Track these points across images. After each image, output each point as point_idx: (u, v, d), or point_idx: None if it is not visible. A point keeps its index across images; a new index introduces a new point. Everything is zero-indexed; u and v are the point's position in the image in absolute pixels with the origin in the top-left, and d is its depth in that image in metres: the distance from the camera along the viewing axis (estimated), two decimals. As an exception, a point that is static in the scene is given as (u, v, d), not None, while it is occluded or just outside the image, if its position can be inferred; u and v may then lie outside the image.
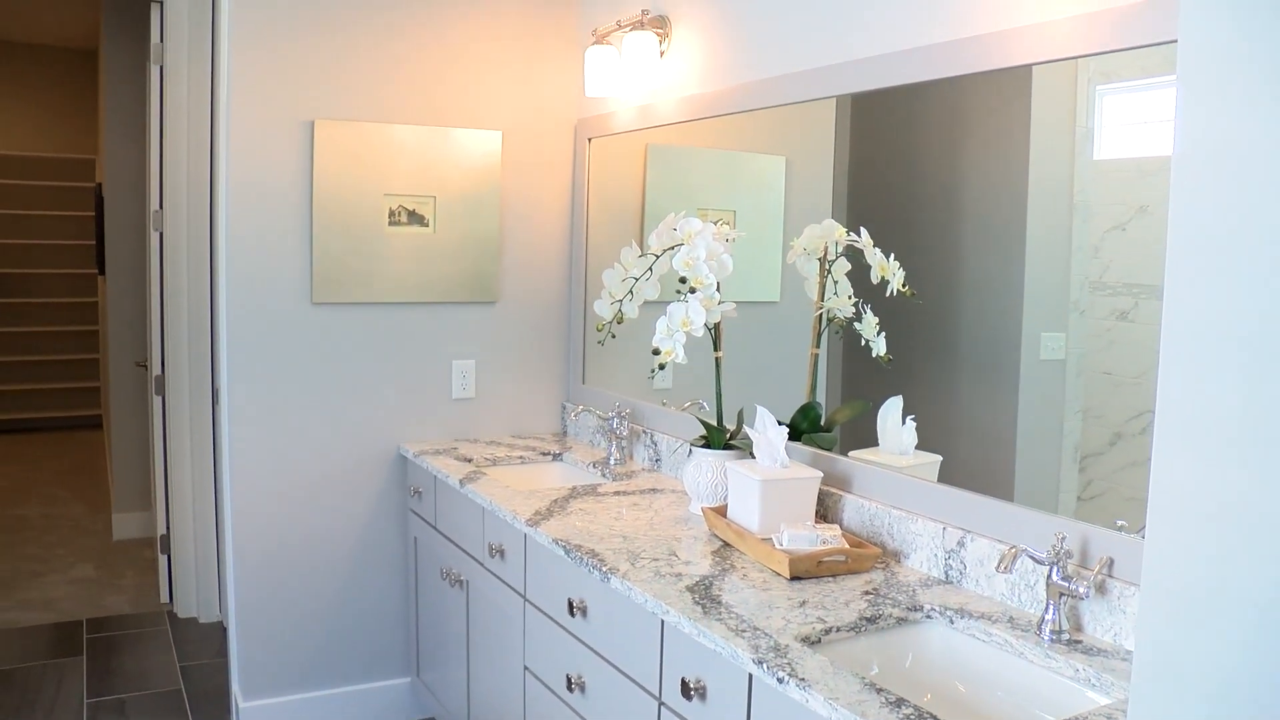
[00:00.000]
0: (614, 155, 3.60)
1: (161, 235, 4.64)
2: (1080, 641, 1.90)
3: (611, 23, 3.36)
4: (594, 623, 2.39)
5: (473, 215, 3.61)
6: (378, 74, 3.49)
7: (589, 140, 3.67)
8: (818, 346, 2.75)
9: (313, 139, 3.41)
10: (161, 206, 4.63)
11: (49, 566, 5.56)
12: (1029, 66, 2.09)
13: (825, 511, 2.57)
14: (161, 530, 4.87)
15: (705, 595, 2.10)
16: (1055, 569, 1.91)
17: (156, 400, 4.78)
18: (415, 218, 3.54)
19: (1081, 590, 1.87)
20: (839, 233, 2.63)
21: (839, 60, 2.58)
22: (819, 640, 1.92)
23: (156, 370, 4.74)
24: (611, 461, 3.32)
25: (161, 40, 4.62)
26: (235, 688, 3.62)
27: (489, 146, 3.61)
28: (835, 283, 2.66)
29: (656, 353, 2.62)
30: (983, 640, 1.99)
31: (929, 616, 2.07)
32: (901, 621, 2.04)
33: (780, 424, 2.52)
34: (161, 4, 4.61)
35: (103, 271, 6.62)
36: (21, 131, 9.19)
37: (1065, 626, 1.91)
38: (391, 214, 3.51)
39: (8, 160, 9.07)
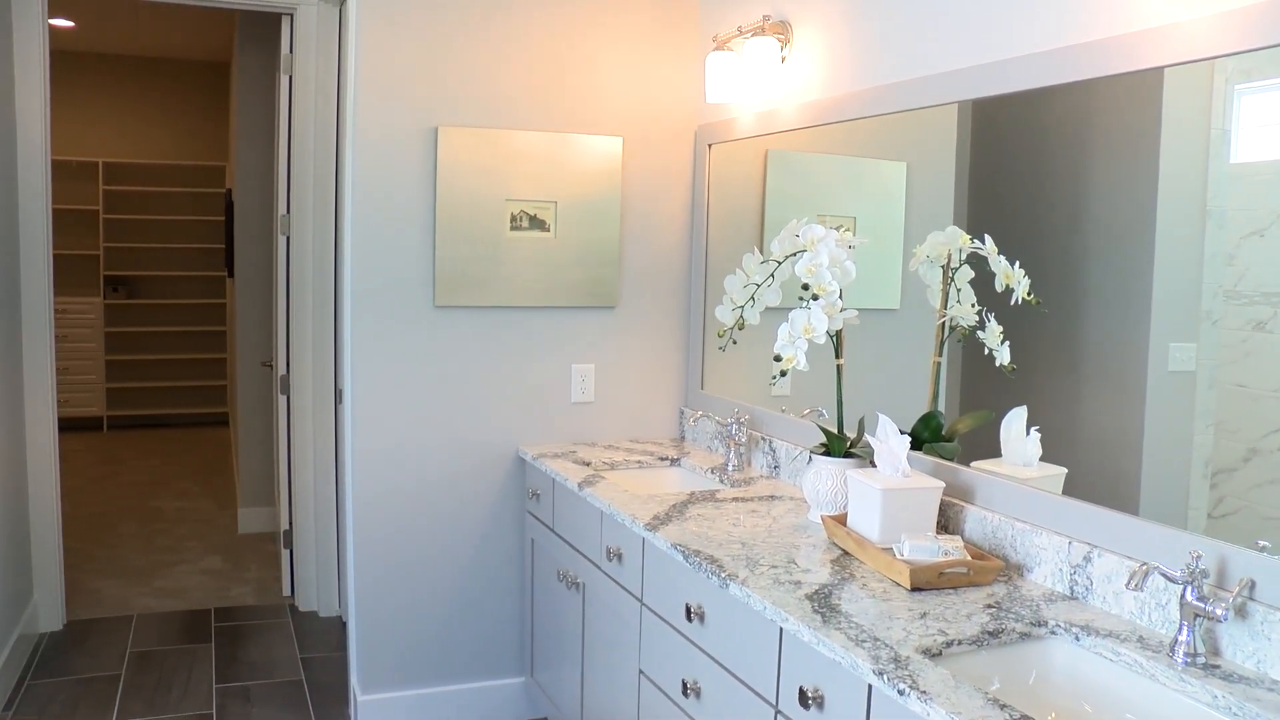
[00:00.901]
0: (733, 161, 3.60)
1: (288, 239, 4.77)
2: (1218, 666, 1.82)
3: (732, 29, 3.37)
4: (711, 628, 2.39)
5: (593, 220, 3.65)
6: (500, 80, 3.55)
7: (709, 146, 3.68)
8: (940, 355, 2.71)
9: (436, 145, 3.48)
10: (289, 211, 4.76)
11: (181, 557, 5.76)
12: (1160, 69, 2.03)
13: (946, 522, 2.53)
14: (284, 526, 5.01)
15: (824, 604, 2.09)
16: (1190, 588, 1.84)
17: (281, 399, 4.91)
18: (536, 223, 3.58)
19: (1219, 612, 1.79)
20: (963, 240, 2.58)
21: (962, 65, 2.54)
22: (940, 653, 1.89)
23: (281, 370, 4.87)
24: (729, 468, 3.32)
25: (290, 51, 4.76)
26: (354, 681, 3.71)
27: (610, 152, 3.64)
28: (958, 290, 2.62)
29: (778, 359, 2.61)
30: (1110, 659, 1.93)
31: (1053, 633, 2.02)
32: (1025, 637, 2.00)
33: (902, 433, 2.49)
34: (291, 17, 4.74)
35: (232, 274, 6.84)
36: (158, 140, 9.57)
37: (1201, 649, 1.84)
38: (513, 219, 3.56)
39: (145, 168, 9.45)
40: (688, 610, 2.46)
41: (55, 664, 4.31)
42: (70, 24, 7.75)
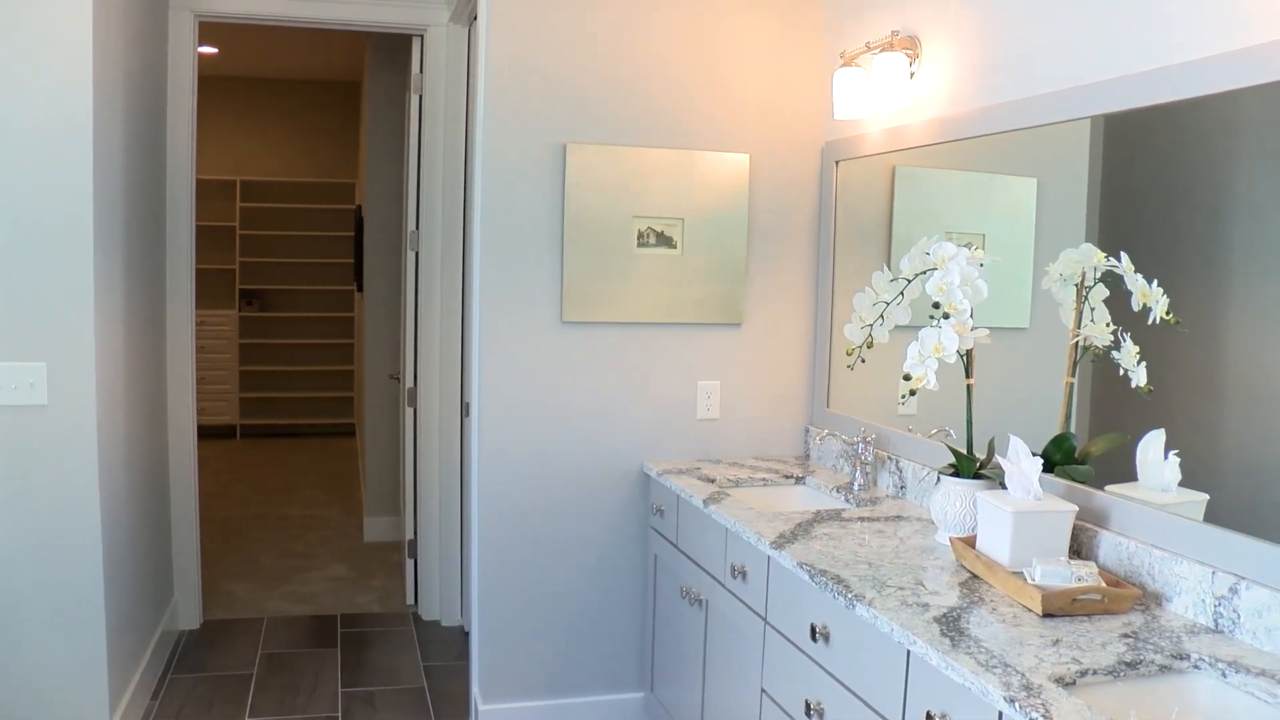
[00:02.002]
0: (860, 178, 3.58)
1: (417, 254, 4.88)
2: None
3: (860, 44, 3.35)
4: (836, 649, 2.37)
5: (720, 237, 3.66)
6: (628, 98, 3.59)
7: (836, 163, 3.66)
8: (1072, 375, 2.65)
9: (564, 162, 3.53)
10: (418, 227, 4.87)
11: (309, 563, 5.92)
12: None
13: (1079, 547, 2.47)
14: (409, 536, 5.11)
15: (953, 627, 2.05)
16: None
17: (408, 411, 5.01)
18: (663, 239, 3.61)
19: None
20: (1097, 258, 2.53)
21: (1095, 79, 2.49)
22: (1073, 682, 1.84)
23: (409, 383, 4.98)
24: (855, 487, 3.29)
25: (421, 71, 4.88)
26: (475, 691, 3.76)
27: (737, 169, 3.65)
28: (1092, 309, 2.56)
29: (907, 378, 2.59)
30: (1266, 701, 1.84)
31: (1196, 667, 1.95)
32: (1165, 670, 1.94)
33: (1033, 455, 2.44)
34: (422, 37, 4.86)
35: (361, 288, 7.01)
36: (290, 158, 9.89)
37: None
38: (640, 235, 3.59)
39: (280, 185, 9.78)
40: (812, 630, 2.44)
41: (193, 660, 4.48)
42: (213, 50, 8.05)
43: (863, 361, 2.88)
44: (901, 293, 2.75)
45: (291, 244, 9.89)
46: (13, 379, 3.29)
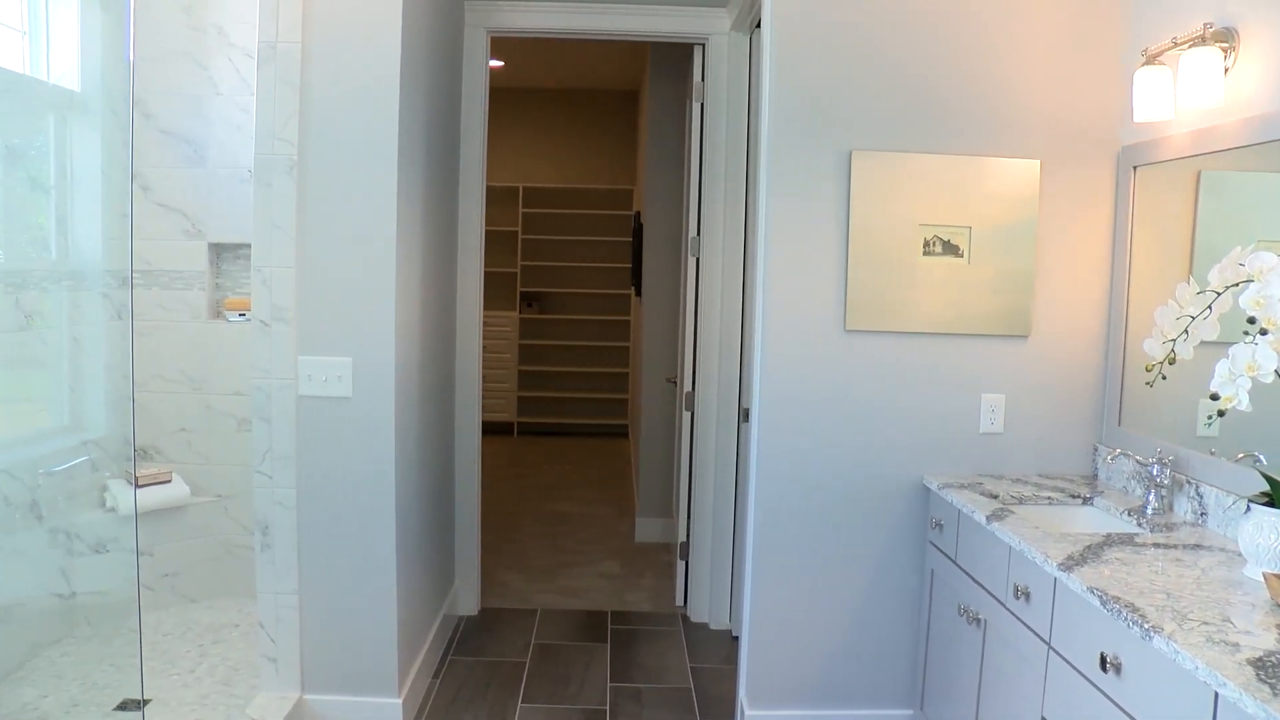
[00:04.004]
0: (1160, 183, 3.37)
1: (698, 260, 4.94)
2: None
3: (1166, 40, 3.15)
4: (1129, 682, 2.24)
5: (1007, 246, 3.53)
6: (913, 104, 3.52)
7: (1134, 168, 3.47)
8: None
9: (849, 169, 3.50)
10: (699, 233, 4.93)
11: (581, 559, 6.10)
12: None
13: None
14: (681, 538, 5.18)
15: (1273, 673, 1.89)
16: None
17: (685, 415, 5.08)
18: (949, 248, 3.52)
19: None
20: None
21: None
22: None
23: (687, 387, 5.05)
24: (1149, 511, 3.10)
25: (702, 79, 4.94)
26: (742, 695, 3.77)
27: (1026, 176, 3.52)
28: None
29: (1215, 398, 2.42)
30: None
31: None
32: None
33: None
34: (704, 46, 4.93)
35: (639, 292, 7.17)
36: (570, 165, 10.23)
37: None
38: (926, 244, 3.52)
39: (560, 192, 10.14)
40: (1102, 660, 2.32)
41: (471, 645, 4.69)
42: (499, 64, 8.43)
43: (1163, 378, 2.71)
44: (1209, 306, 2.58)
45: (571, 248, 10.24)
46: (323, 371, 3.55)
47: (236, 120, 4.72)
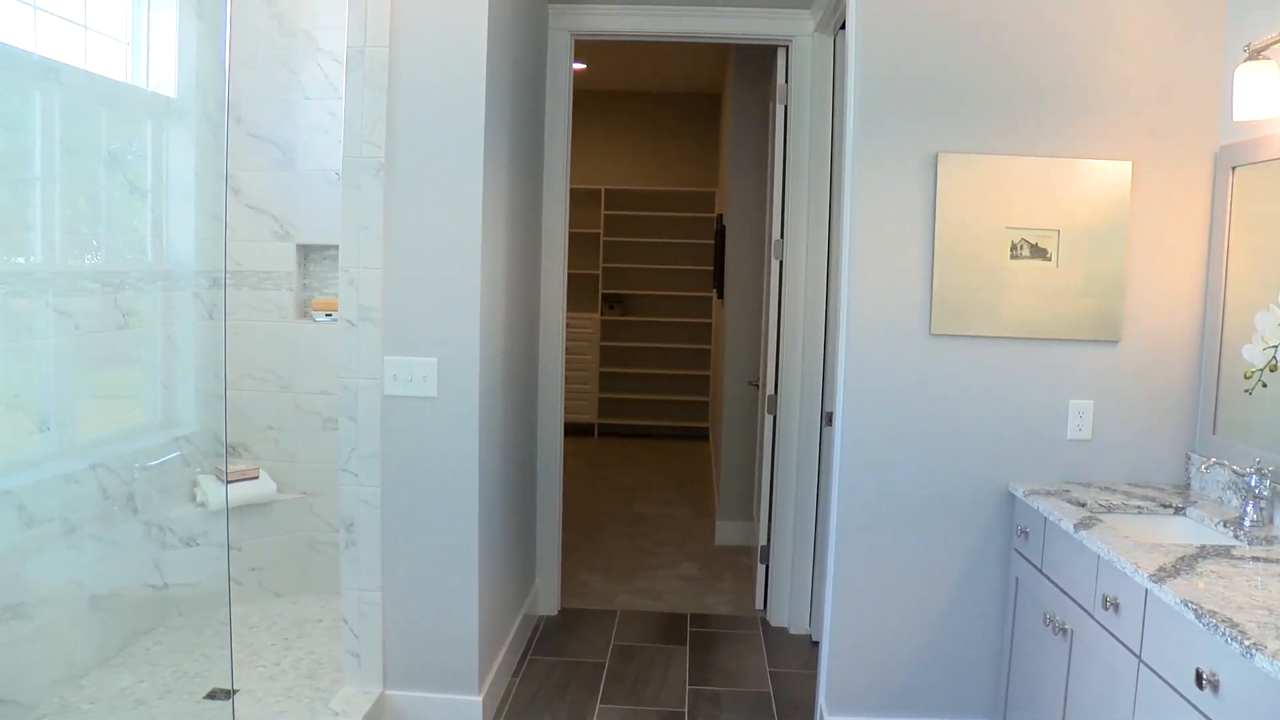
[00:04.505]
0: (1259, 184, 3.27)
1: (781, 263, 4.92)
2: None
3: (1270, 34, 3.06)
4: (1227, 701, 2.17)
5: (1097, 250, 3.46)
6: (1000, 105, 3.46)
7: (1232, 169, 3.37)
8: None
9: (935, 172, 3.46)
10: (782, 236, 4.91)
11: (660, 561, 6.10)
12: None
13: None
14: (762, 541, 5.15)
15: (1376, 689, 1.83)
16: None
17: (767, 419, 5.06)
18: (1038, 251, 3.46)
19: None
20: None
21: None
22: None
23: (769, 390, 5.02)
24: (1246, 523, 3.01)
25: (786, 81, 4.92)
26: (821, 701, 3.74)
27: (1117, 178, 3.44)
28: None
29: (1317, 407, 2.35)
30: None
31: None
32: None
33: None
34: (787, 48, 4.90)
35: (721, 295, 7.16)
36: (652, 168, 10.25)
37: None
38: (1013, 247, 3.46)
39: (642, 194, 10.17)
40: (1198, 676, 2.26)
41: (550, 644, 4.72)
42: (582, 66, 8.48)
43: (1263, 386, 2.64)
44: (1314, 312, 2.50)
45: (653, 251, 10.25)
46: (408, 371, 3.60)
47: (324, 124, 4.80)
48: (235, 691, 3.85)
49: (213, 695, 3.89)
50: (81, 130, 4.08)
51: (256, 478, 4.81)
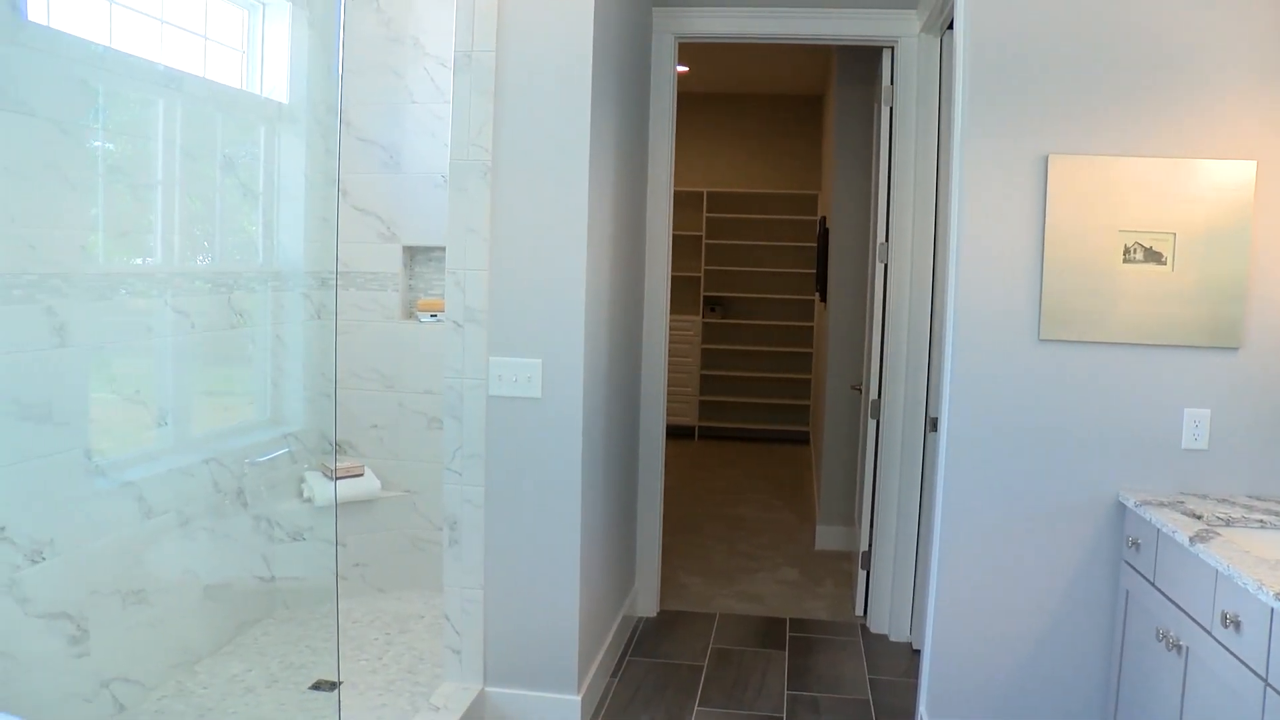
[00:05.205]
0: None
1: (886, 266, 4.86)
2: None
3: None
4: (1353, 722, 2.09)
5: (1216, 253, 3.35)
6: (1115, 106, 3.38)
7: (1363, 171, 3.25)
8: None
9: (1046, 174, 3.39)
10: (887, 239, 4.85)
11: (759, 565, 6.07)
12: None
13: None
14: (863, 547, 5.10)
15: None
16: None
17: (871, 424, 5.01)
18: (1151, 255, 3.36)
19: None
20: None
21: None
22: None
23: (873, 395, 4.97)
24: (1375, 539, 2.90)
25: (891, 83, 4.86)
26: (922, 710, 3.69)
27: (1239, 178, 3.33)
28: None
29: None
30: None
31: None
32: None
33: None
34: (893, 49, 4.84)
35: (824, 298, 7.10)
36: (754, 171, 10.22)
37: None
38: (1126, 251, 3.37)
39: (743, 196, 10.15)
40: (1325, 698, 2.17)
41: (649, 646, 4.73)
42: (684, 69, 8.49)
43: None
44: None
45: (754, 253, 10.22)
46: (513, 372, 3.64)
47: (430, 127, 4.88)
48: (339, 683, 3.93)
49: (317, 686, 3.98)
50: (200, 136, 4.22)
51: (362, 475, 4.91)
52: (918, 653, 4.55)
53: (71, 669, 3.34)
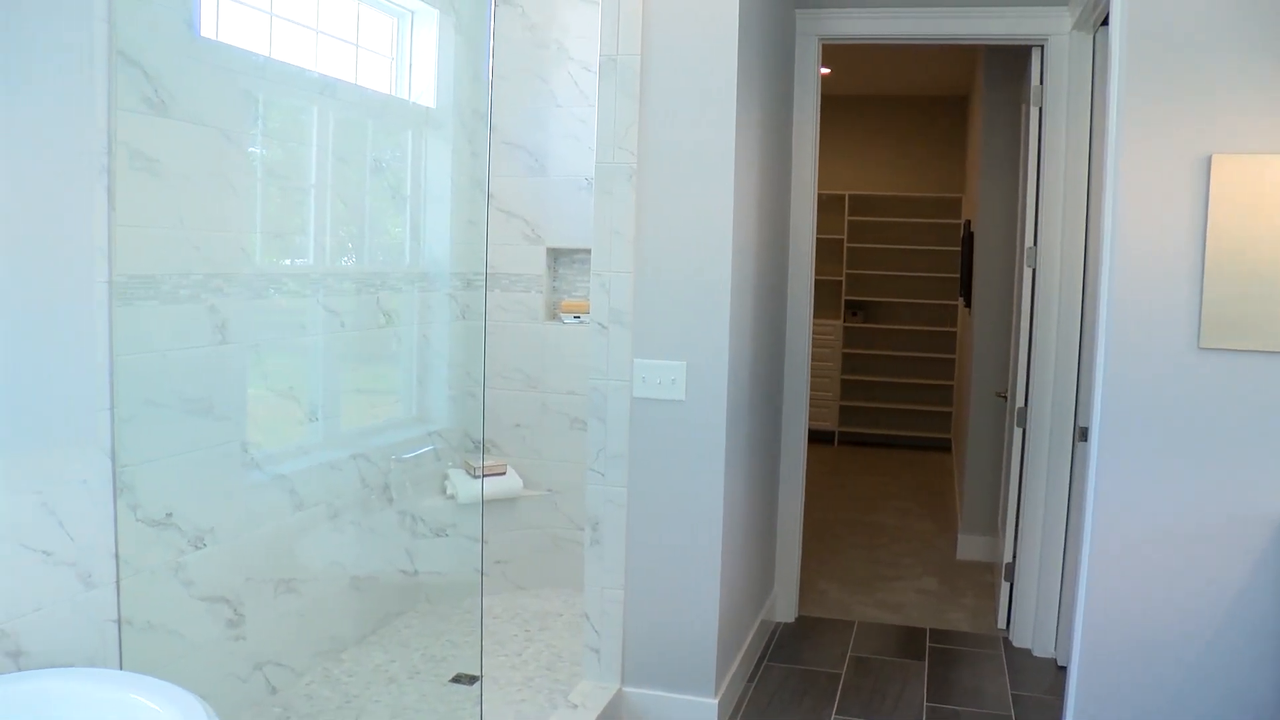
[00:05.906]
0: None
1: (1034, 271, 4.74)
2: None
3: None
4: None
5: (1396, 258, 3.18)
6: (1283, 103, 3.23)
7: None
8: None
9: (1208, 174, 3.26)
10: (1035, 243, 4.73)
11: (899, 573, 5.99)
12: None
13: None
14: (1007, 558, 4.98)
15: None
16: None
17: (1016, 432, 4.89)
18: (1325, 261, 3.21)
19: None
20: None
21: None
22: None
23: (1019, 403, 4.85)
24: None
25: (1041, 83, 4.73)
26: (1069, 728, 3.59)
27: None
28: None
29: None
30: None
31: None
32: None
33: None
34: (1042, 48, 4.72)
35: (968, 303, 6.97)
36: (897, 174, 10.08)
37: None
38: (1296, 256, 3.22)
39: (885, 200, 10.02)
40: None
41: (786, 652, 4.70)
42: (826, 71, 8.42)
43: None
44: None
45: (897, 257, 10.07)
46: (657, 374, 3.66)
47: (574, 131, 4.94)
48: (480, 678, 4.01)
49: (457, 679, 4.07)
50: (350, 141, 4.36)
51: (504, 474, 5.00)
52: (1063, 669, 4.42)
53: (229, 650, 3.49)
